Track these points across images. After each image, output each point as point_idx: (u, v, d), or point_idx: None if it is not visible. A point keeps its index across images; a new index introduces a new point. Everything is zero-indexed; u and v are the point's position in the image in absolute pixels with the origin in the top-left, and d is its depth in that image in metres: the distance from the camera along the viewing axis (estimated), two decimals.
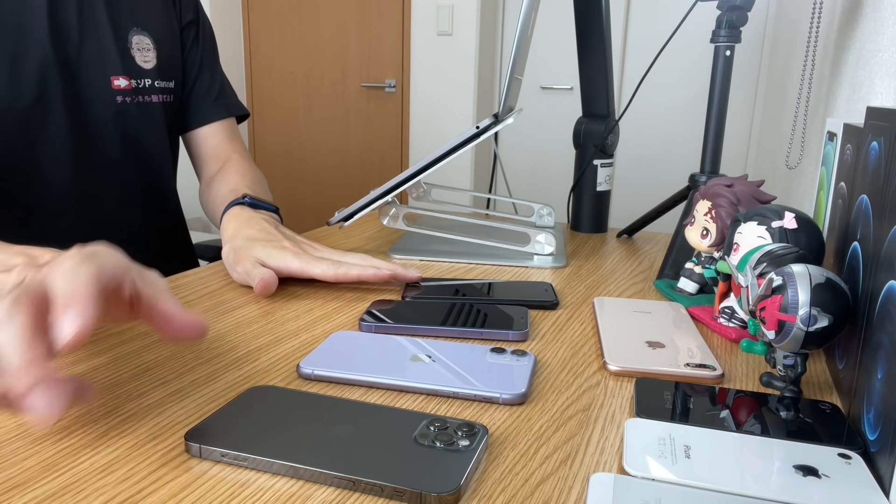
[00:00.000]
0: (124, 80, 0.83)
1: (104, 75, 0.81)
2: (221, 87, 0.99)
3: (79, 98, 0.79)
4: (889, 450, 0.34)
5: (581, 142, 0.99)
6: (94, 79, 0.80)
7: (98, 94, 0.81)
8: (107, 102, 0.82)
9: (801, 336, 0.42)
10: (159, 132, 0.90)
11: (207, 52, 0.98)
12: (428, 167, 0.78)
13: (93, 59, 0.80)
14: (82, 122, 0.80)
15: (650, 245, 0.94)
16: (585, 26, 0.95)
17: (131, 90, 0.84)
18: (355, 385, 0.46)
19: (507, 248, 0.83)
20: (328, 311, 0.62)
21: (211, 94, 0.98)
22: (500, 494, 0.34)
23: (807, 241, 0.52)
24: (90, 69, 0.80)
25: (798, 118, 1.11)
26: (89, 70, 0.80)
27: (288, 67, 3.44)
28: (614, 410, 0.44)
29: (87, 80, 0.80)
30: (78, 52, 0.78)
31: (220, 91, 0.99)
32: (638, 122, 2.89)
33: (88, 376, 0.46)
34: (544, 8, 2.73)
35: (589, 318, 0.62)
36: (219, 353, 0.51)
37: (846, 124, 0.55)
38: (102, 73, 0.81)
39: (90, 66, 0.80)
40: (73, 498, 0.33)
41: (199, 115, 0.97)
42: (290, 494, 0.34)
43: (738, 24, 0.77)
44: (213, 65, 0.99)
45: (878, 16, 0.76)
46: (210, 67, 0.98)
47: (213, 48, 1.00)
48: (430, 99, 3.11)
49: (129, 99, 0.84)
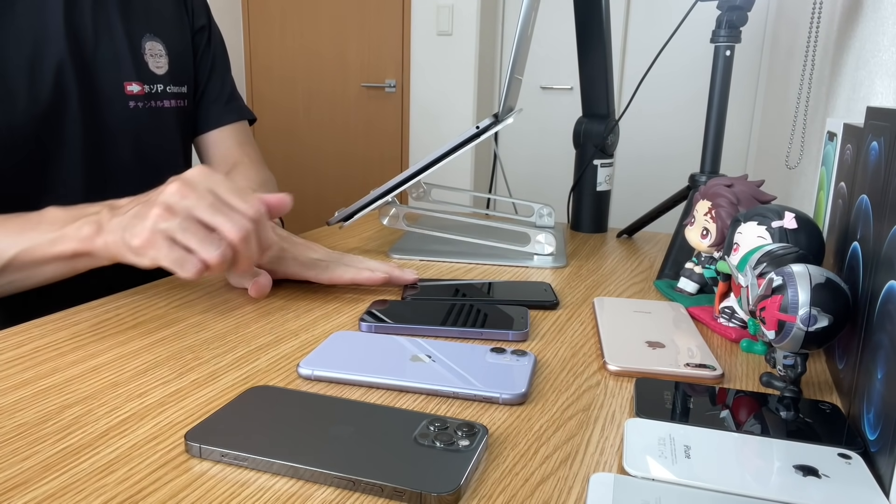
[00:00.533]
0: (137, 85, 0.83)
1: (118, 80, 0.81)
2: (231, 92, 1.00)
3: (93, 102, 0.79)
4: (889, 450, 0.34)
5: (581, 142, 0.99)
6: (107, 83, 0.80)
7: (111, 98, 0.81)
8: (120, 107, 0.82)
9: (801, 336, 0.42)
10: (171, 138, 0.90)
11: (219, 58, 0.99)
12: (428, 167, 0.78)
13: (107, 64, 0.80)
14: (96, 126, 0.80)
15: (650, 245, 0.94)
16: (585, 26, 0.95)
17: (144, 96, 0.84)
18: (355, 385, 0.46)
19: (507, 248, 0.83)
20: (328, 311, 0.62)
21: (221, 99, 0.98)
22: (500, 494, 0.34)
23: (807, 241, 0.52)
24: (104, 73, 0.80)
25: (798, 118, 1.11)
26: (103, 74, 0.80)
27: (288, 67, 3.44)
28: (614, 410, 0.44)
29: (101, 85, 0.79)
30: (93, 55, 0.78)
31: (230, 96, 0.99)
32: (638, 122, 2.89)
33: (88, 376, 0.46)
34: (544, 8, 2.73)
35: (589, 318, 0.62)
36: (219, 353, 0.51)
37: (846, 124, 0.55)
38: (116, 78, 0.81)
39: (104, 70, 0.80)
40: (73, 498, 0.33)
41: (209, 119, 0.97)
42: (290, 494, 0.34)
43: (738, 24, 0.77)
44: (225, 70, 1.00)
45: (878, 16, 0.76)
46: (221, 72, 0.99)
47: (224, 53, 1.01)
48: (430, 99, 3.11)
49: (142, 104, 0.84)
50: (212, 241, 0.53)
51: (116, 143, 0.82)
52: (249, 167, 0.95)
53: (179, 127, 0.91)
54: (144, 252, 0.53)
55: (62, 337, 0.53)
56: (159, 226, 0.53)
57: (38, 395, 0.43)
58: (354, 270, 0.66)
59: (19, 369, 0.47)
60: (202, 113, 0.97)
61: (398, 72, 3.20)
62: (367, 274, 0.66)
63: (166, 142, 0.89)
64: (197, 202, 0.54)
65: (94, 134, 0.80)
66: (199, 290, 0.67)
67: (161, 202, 0.54)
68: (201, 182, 0.55)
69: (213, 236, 0.53)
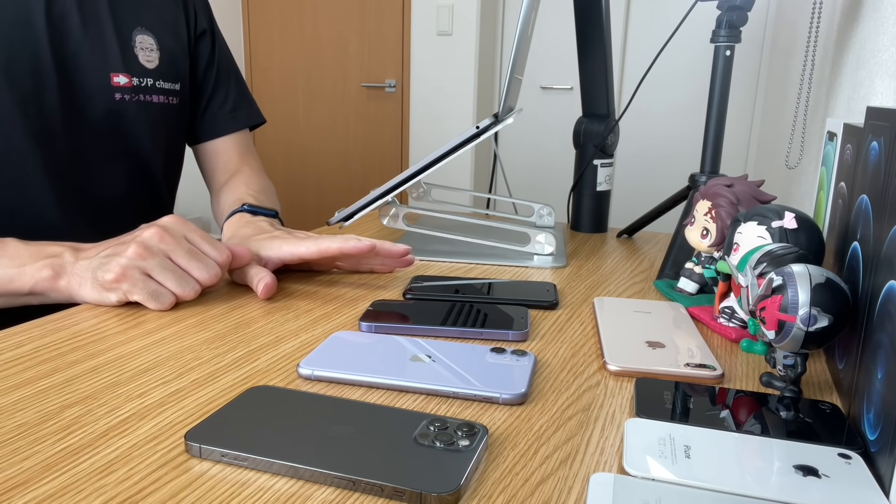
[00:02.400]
0: (125, 77, 0.83)
1: (104, 72, 0.81)
2: (236, 100, 1.01)
3: (75, 93, 0.79)
4: (889, 450, 0.34)
5: (581, 142, 0.99)
6: (92, 75, 0.80)
7: (96, 90, 0.81)
8: (104, 98, 0.82)
9: (801, 336, 0.42)
10: (156, 132, 0.89)
11: (224, 65, 1.00)
12: (428, 167, 0.78)
13: (93, 55, 0.80)
14: (78, 117, 0.80)
15: (650, 245, 0.94)
16: (585, 26, 0.95)
17: (131, 88, 0.84)
18: (355, 385, 0.46)
19: (507, 248, 0.83)
20: (328, 311, 0.62)
21: (225, 108, 1.00)
22: (500, 494, 0.34)
23: (807, 241, 0.52)
24: (89, 65, 0.80)
25: (798, 118, 1.11)
26: (88, 66, 0.79)
27: (288, 68, 3.44)
28: (614, 410, 0.44)
29: (85, 76, 0.79)
30: (78, 46, 0.78)
31: (234, 103, 1.01)
32: (638, 122, 2.89)
33: (88, 376, 0.46)
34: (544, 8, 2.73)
35: (589, 318, 0.62)
36: (219, 353, 0.51)
37: (846, 124, 0.55)
38: (102, 70, 0.81)
39: (90, 61, 0.79)
40: (73, 498, 0.33)
41: (212, 128, 0.99)
42: (290, 494, 0.34)
43: (738, 24, 0.77)
44: (229, 76, 1.01)
45: (878, 16, 0.76)
46: (226, 80, 1.00)
47: (229, 59, 1.02)
48: (430, 99, 3.11)
49: (129, 97, 0.84)
50: (187, 281, 0.60)
51: (98, 134, 0.82)
52: (249, 175, 0.97)
53: (166, 123, 0.91)
54: (117, 285, 0.58)
55: (62, 337, 0.53)
56: (136, 262, 0.58)
57: (38, 395, 0.43)
58: (341, 239, 0.66)
59: (19, 369, 0.47)
60: (206, 122, 0.99)
61: (398, 72, 3.20)
62: (353, 243, 0.66)
63: (149, 136, 0.88)
64: (175, 247, 0.60)
65: (75, 125, 0.79)
66: None
67: (139, 242, 0.59)
68: (178, 229, 0.62)
69: (187, 276, 0.61)
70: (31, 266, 0.60)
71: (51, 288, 0.60)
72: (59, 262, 0.60)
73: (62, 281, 0.60)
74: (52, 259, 0.60)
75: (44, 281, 0.60)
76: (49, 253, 0.61)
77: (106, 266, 0.58)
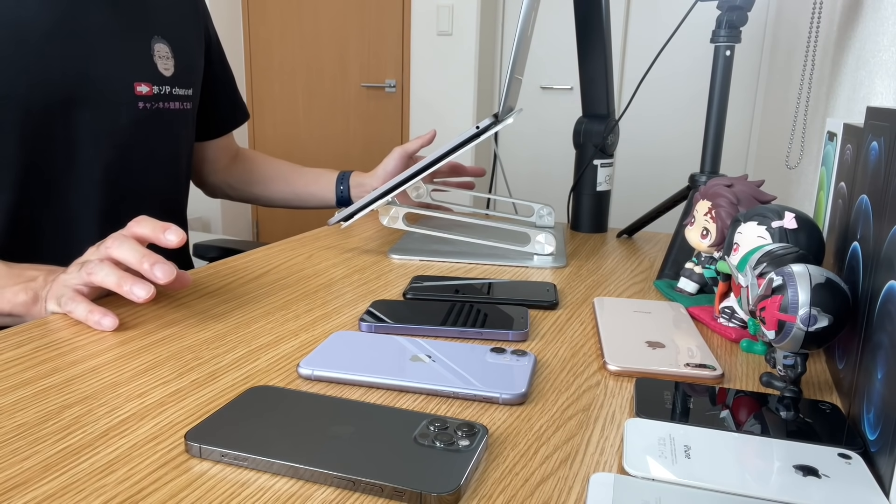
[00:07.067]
0: (146, 86, 0.83)
1: (128, 82, 0.81)
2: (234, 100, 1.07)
3: (103, 103, 0.79)
4: (889, 450, 0.34)
5: (581, 142, 0.99)
6: (118, 84, 0.80)
7: (121, 99, 0.81)
8: (129, 108, 0.82)
9: (801, 336, 0.42)
10: (175, 139, 0.91)
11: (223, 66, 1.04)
12: (428, 167, 0.78)
13: (118, 65, 0.80)
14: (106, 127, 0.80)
15: (650, 245, 0.94)
16: (585, 26, 0.95)
17: (152, 97, 0.84)
18: (355, 385, 0.46)
19: (507, 248, 0.83)
20: (328, 311, 0.62)
21: (226, 108, 1.06)
22: (500, 494, 0.34)
23: (807, 241, 0.52)
24: (115, 74, 0.80)
25: (798, 118, 1.11)
26: (114, 75, 0.80)
27: (288, 67, 3.43)
28: (614, 410, 0.44)
29: (112, 86, 0.80)
30: (104, 56, 0.78)
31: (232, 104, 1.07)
32: (638, 122, 2.89)
33: (88, 376, 0.46)
34: (544, 8, 2.73)
35: (589, 318, 0.62)
36: (219, 353, 0.51)
37: (846, 124, 0.55)
38: (127, 80, 0.81)
39: (115, 71, 0.80)
40: (73, 498, 0.33)
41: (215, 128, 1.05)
42: (290, 494, 0.34)
43: (738, 24, 0.77)
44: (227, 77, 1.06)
45: (878, 16, 0.76)
46: (224, 81, 1.05)
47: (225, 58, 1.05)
48: (430, 99, 3.11)
49: (150, 105, 0.84)
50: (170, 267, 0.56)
51: (125, 143, 0.83)
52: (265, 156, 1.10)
53: (182, 129, 0.93)
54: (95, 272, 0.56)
55: (62, 337, 0.53)
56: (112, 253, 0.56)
57: (38, 395, 0.43)
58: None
59: (19, 369, 0.47)
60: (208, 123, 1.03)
61: (398, 72, 3.20)
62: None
63: (169, 143, 0.90)
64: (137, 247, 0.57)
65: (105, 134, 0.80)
66: (198, 290, 0.67)
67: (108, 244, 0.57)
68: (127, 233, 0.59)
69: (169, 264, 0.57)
70: (9, 290, 0.61)
71: (27, 313, 0.61)
72: (34, 287, 0.61)
73: (35, 308, 0.61)
74: (28, 284, 0.61)
75: (19, 306, 0.61)
76: (27, 277, 0.62)
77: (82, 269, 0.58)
